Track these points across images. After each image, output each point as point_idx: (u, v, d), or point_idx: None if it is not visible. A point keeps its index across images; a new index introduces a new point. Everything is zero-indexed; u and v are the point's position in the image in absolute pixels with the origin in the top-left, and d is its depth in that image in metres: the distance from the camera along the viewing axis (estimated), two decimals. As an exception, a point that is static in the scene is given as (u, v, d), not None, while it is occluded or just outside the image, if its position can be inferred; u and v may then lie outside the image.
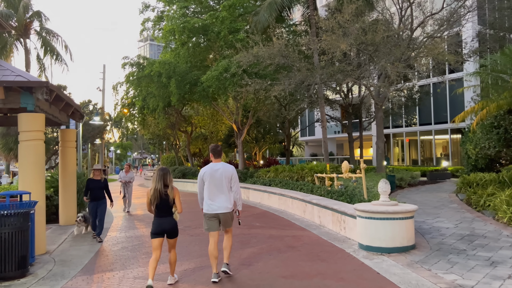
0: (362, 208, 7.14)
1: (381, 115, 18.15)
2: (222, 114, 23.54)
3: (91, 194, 9.20)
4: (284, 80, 14.42)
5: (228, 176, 5.80)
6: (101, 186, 9.34)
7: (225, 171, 5.79)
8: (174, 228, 5.55)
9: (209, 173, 5.76)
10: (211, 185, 5.74)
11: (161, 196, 5.41)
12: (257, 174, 18.23)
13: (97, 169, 9.59)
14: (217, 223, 5.83)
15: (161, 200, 5.42)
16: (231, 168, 5.94)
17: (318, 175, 12.44)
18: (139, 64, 21.10)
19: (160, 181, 5.43)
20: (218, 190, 5.74)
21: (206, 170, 5.82)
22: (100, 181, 9.38)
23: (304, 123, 39.80)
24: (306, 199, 10.71)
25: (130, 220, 12.08)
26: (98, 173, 9.49)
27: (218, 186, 5.74)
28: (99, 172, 9.54)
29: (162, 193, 5.41)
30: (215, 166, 5.83)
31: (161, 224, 5.52)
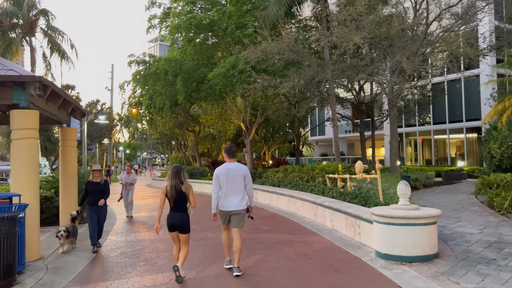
0: (380, 212, 6.50)
1: (395, 113, 17.42)
2: (230, 113, 22.99)
3: (90, 198, 8.15)
4: (294, 77, 13.79)
5: (243, 175, 6.09)
6: (101, 189, 8.24)
7: (240, 170, 6.08)
8: (184, 223, 5.77)
9: (225, 172, 6.04)
10: (226, 184, 6.02)
11: (177, 192, 5.68)
12: (266, 175, 17.64)
13: (96, 170, 8.48)
14: (227, 220, 6.20)
15: (176, 195, 5.68)
16: (245, 167, 6.21)
17: (329, 175, 11.80)
18: (145, 62, 20.64)
19: (176, 178, 5.71)
20: (232, 189, 6.02)
21: (221, 170, 6.09)
22: (100, 184, 8.29)
23: (314, 122, 39.09)
24: (317, 201, 10.09)
25: (132, 223, 11.58)
26: (98, 175, 8.42)
27: (233, 185, 6.02)
28: (99, 173, 8.47)
29: (177, 189, 5.68)
30: (230, 166, 6.11)
31: (172, 218, 5.74)
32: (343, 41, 11.84)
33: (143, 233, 9.83)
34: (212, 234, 9.21)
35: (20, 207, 6.51)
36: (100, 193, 8.20)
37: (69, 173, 11.37)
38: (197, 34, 18.39)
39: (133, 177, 13.10)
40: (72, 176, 11.43)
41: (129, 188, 12.97)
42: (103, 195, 8.24)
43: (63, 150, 11.43)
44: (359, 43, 11.67)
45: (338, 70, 13.53)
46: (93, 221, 8.06)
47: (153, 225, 10.88)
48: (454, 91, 27.52)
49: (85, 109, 12.01)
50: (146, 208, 15.10)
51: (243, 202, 6.10)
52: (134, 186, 13.32)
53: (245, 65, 14.78)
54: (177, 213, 5.72)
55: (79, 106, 11.27)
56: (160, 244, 8.34)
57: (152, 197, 19.66)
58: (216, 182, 6.10)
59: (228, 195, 6.04)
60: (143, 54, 20.32)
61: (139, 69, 21.34)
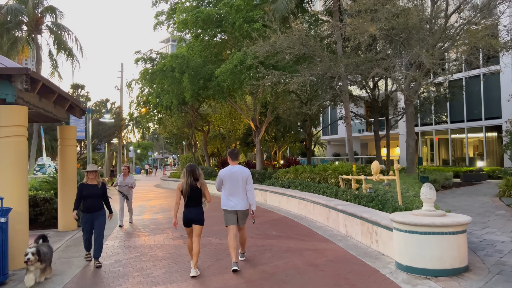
0: (402, 219, 5.75)
1: (412, 110, 16.53)
2: (239, 112, 22.32)
3: (84, 203, 6.95)
4: (305, 72, 13.04)
5: (245, 178, 6.43)
6: (98, 193, 7.00)
7: (242, 173, 6.43)
8: (200, 217, 6.13)
9: (229, 174, 6.41)
10: (230, 185, 6.37)
11: (192, 188, 6.05)
12: (276, 175, 16.92)
13: (91, 171, 7.16)
14: (235, 218, 6.41)
15: (191, 192, 6.05)
16: (247, 170, 6.54)
17: (343, 176, 11.03)
18: (152, 59, 20.10)
19: (191, 176, 6.08)
20: (236, 189, 6.37)
21: (225, 172, 6.46)
22: (97, 187, 7.03)
23: (326, 121, 38.21)
24: (330, 204, 9.35)
25: (134, 226, 10.98)
26: (93, 176, 7.12)
27: (236, 186, 6.36)
28: (95, 174, 7.14)
29: (193, 186, 6.05)
30: (233, 168, 6.46)
31: (188, 214, 6.12)
32: (358, 32, 11.04)
33: (143, 237, 9.21)
34: (215, 240, 8.55)
35: (1, 212, 5.92)
36: (97, 198, 7.00)
37: (68, 174, 10.84)
38: (204, 30, 17.75)
39: (130, 180, 11.20)
40: (71, 177, 10.89)
41: (127, 193, 11.14)
42: (100, 200, 7.05)
43: (62, 149, 10.90)
44: (375, 34, 10.87)
45: (352, 65, 12.72)
46: (88, 229, 6.98)
47: (156, 229, 10.28)
48: (473, 88, 26.42)
49: (85, 107, 11.45)
50: (151, 210, 14.51)
51: (246, 202, 6.47)
52: (133, 191, 11.51)
53: (254, 60, 14.07)
54: (192, 208, 6.11)
55: (77, 103, 10.72)
56: (158, 251, 7.70)
57: (158, 198, 19.09)
58: (219, 183, 6.52)
59: (232, 195, 6.37)
60: (149, 51, 19.76)
61: (147, 67, 20.82)
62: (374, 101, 21.60)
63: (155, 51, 19.71)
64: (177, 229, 7.04)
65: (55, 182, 12.54)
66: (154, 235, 9.39)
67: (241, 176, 6.39)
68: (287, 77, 13.30)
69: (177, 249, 7.85)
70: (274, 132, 26.79)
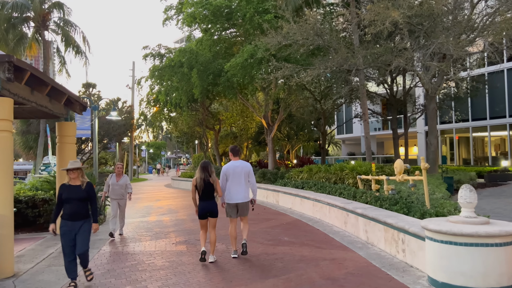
0: (437, 227, 4.87)
1: (434, 106, 15.55)
2: (251, 109, 21.53)
3: (64, 209, 5.52)
4: (320, 64, 12.15)
5: (247, 172, 6.88)
6: (81, 196, 5.51)
7: (244, 167, 6.87)
8: (214, 209, 6.55)
9: (232, 169, 6.81)
10: (233, 179, 6.77)
11: (205, 183, 6.47)
12: (289, 175, 16.08)
13: (72, 169, 5.59)
14: (236, 211, 6.83)
15: (205, 186, 6.47)
16: (248, 165, 7.01)
17: (362, 177, 10.13)
18: (161, 55, 19.43)
19: (204, 172, 6.51)
20: (238, 183, 6.77)
21: (228, 167, 6.87)
22: (80, 188, 5.55)
23: (341, 120, 37.16)
24: (348, 207, 8.48)
25: (137, 229, 10.27)
26: (75, 175, 5.59)
27: (238, 180, 6.78)
28: (77, 173, 5.61)
29: (206, 181, 6.47)
30: (235, 164, 6.90)
31: (204, 207, 6.52)
32: (378, 19, 10.11)
33: (144, 242, 8.47)
34: (222, 246, 7.76)
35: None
36: (80, 202, 5.51)
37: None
38: (213, 23, 16.99)
39: (125, 181, 9.13)
40: (70, 176, 10.25)
41: (121, 197, 9.14)
42: (85, 205, 5.60)
43: (60, 147, 10.25)
44: (396, 21, 9.94)
45: (371, 56, 11.79)
46: (68, 243, 5.48)
47: (159, 232, 9.55)
48: (496, 84, 25.13)
49: (86, 102, 10.80)
50: (158, 211, 13.81)
51: (247, 194, 6.88)
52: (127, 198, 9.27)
53: (265, 52, 13.24)
54: (207, 201, 6.52)
55: (76, 98, 10.05)
56: (158, 259, 6.95)
57: (167, 199, 18.42)
58: (223, 177, 6.83)
59: (234, 188, 6.77)
60: (158, 46, 19.08)
61: (156, 63, 20.18)
62: (392, 97, 20.59)
63: (164, 46, 19.03)
64: (182, 231, 6.26)
65: (55, 182, 11.93)
66: (156, 240, 8.65)
67: (243, 170, 6.83)
68: (301, 71, 12.43)
69: (178, 256, 7.09)
70: (287, 130, 25.92)
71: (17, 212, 9.91)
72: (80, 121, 16.91)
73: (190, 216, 11.98)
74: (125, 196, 9.24)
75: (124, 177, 9.24)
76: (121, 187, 9.11)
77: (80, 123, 16.93)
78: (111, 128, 29.46)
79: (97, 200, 7.86)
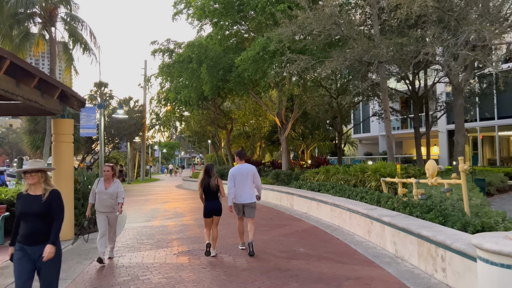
0: (496, 247, 3.83)
1: (462, 102, 14.30)
2: (263, 107, 20.58)
3: (20, 228, 3.98)
4: (338, 56, 11.10)
5: (252, 173, 7.27)
6: (40, 210, 3.93)
7: (249, 170, 7.28)
8: (218, 208, 6.98)
9: (238, 171, 7.21)
10: (239, 181, 7.16)
11: (209, 184, 6.90)
12: (304, 176, 15.07)
13: (31, 171, 4.02)
14: (241, 211, 7.24)
15: (209, 187, 6.90)
16: (253, 167, 7.40)
17: (387, 179, 9.08)
18: (170, 50, 18.60)
19: (207, 174, 6.96)
20: (244, 185, 7.17)
21: (235, 170, 7.25)
22: (40, 199, 3.96)
23: (358, 119, 35.91)
24: (373, 214, 7.45)
25: (139, 235, 9.41)
26: (36, 180, 4.01)
27: (245, 181, 7.17)
28: (37, 177, 4.02)
29: (210, 182, 6.90)
30: (242, 167, 7.31)
31: (209, 206, 6.94)
32: (404, 2, 9.03)
33: (143, 252, 7.59)
34: (228, 258, 6.83)
35: None
36: (38, 219, 3.93)
37: (63, 174, 9.40)
38: (224, 16, 16.07)
39: (115, 189, 6.96)
40: (66, 178, 9.46)
41: (110, 209, 6.97)
42: (46, 223, 3.96)
43: (56, 146, 9.47)
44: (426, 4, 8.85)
45: (395, 45, 10.69)
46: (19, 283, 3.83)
47: (161, 240, 8.67)
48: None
49: (84, 98, 9.98)
50: (163, 215, 12.97)
51: (253, 195, 7.25)
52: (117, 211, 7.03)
53: (278, 44, 12.27)
54: (211, 201, 6.96)
55: (72, 93, 9.24)
56: (154, 274, 6.05)
57: (175, 201, 17.59)
58: (231, 180, 7.19)
59: (241, 190, 7.18)
60: (167, 40, 18.24)
61: (165, 60, 19.41)
62: (414, 94, 19.36)
63: (173, 41, 18.19)
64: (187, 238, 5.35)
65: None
66: (157, 249, 7.77)
67: (249, 173, 7.26)
68: (317, 64, 11.42)
69: (178, 271, 6.18)
70: (302, 129, 24.85)
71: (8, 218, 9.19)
72: (86, 120, 16.16)
73: (197, 221, 11.10)
74: (117, 208, 7.01)
75: (115, 184, 7.01)
76: (110, 197, 6.88)
77: (86, 121, 16.18)
78: (121, 127, 28.85)
79: None
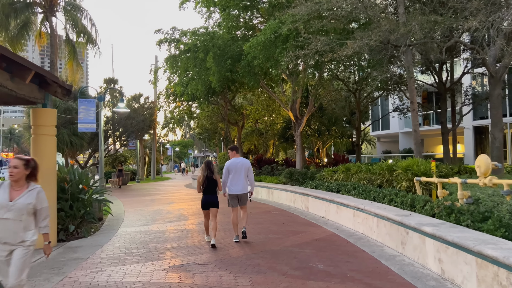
0: None
1: (499, 92, 12.70)
2: (276, 100, 19.17)
3: None
4: (363, 35, 9.59)
5: (246, 168, 7.84)
6: None
7: (244, 164, 7.86)
8: (215, 201, 7.55)
9: (233, 164, 7.81)
10: (234, 174, 7.75)
11: (208, 179, 7.50)
12: (320, 175, 13.63)
13: None
14: (237, 201, 7.84)
15: (208, 182, 7.51)
16: (248, 161, 8.01)
17: (422, 179, 7.60)
18: (176, 40, 17.33)
19: (207, 170, 7.53)
20: (238, 177, 7.75)
21: (230, 163, 7.86)
22: None
23: (376, 115, 34.18)
24: (409, 222, 6.00)
25: (130, 243, 8.12)
26: None
27: (239, 174, 7.75)
28: None
29: (209, 177, 7.49)
30: (236, 160, 7.89)
31: (206, 199, 7.55)
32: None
33: (128, 266, 6.28)
34: (228, 277, 5.47)
35: None
36: None
37: (43, 173, 8.14)
38: (233, 1, 14.72)
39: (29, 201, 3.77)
40: (47, 177, 8.20)
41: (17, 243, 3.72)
42: None
43: (36, 139, 8.23)
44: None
45: (428, 24, 9.16)
46: None
47: (153, 250, 7.35)
48: None
49: (70, 85, 8.72)
50: (165, 217, 11.69)
51: (246, 187, 7.82)
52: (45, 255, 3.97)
53: (292, 25, 10.83)
54: (209, 195, 7.55)
55: (53, 78, 7.99)
56: (131, 300, 4.72)
57: (181, 201, 16.33)
58: (226, 172, 7.80)
59: (236, 181, 7.74)
60: (172, 29, 16.93)
61: (171, 51, 18.14)
62: (441, 85, 17.72)
63: (179, 30, 16.87)
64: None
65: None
66: (145, 262, 6.46)
67: (243, 166, 7.72)
68: (337, 44, 9.93)
69: (163, 295, 4.85)
70: (318, 125, 23.34)
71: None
72: (84, 113, 15.01)
73: (200, 225, 9.78)
74: (30, 238, 3.81)
75: (29, 192, 3.83)
76: (18, 214, 3.74)
77: (84, 115, 15.04)
78: (129, 124, 27.76)
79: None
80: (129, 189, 25.20)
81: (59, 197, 9.46)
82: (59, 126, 21.31)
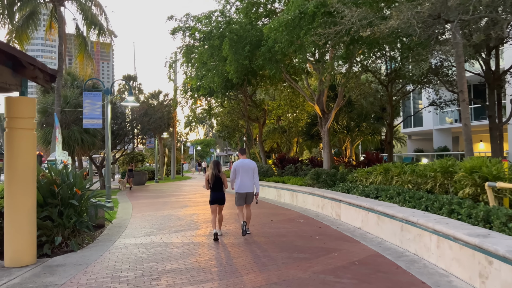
0: None
1: None
2: (300, 92, 17.43)
3: None
4: (410, 7, 7.74)
5: (252, 168, 8.40)
6: None
7: (250, 165, 8.41)
8: (222, 198, 8.23)
9: (241, 165, 8.36)
10: (242, 173, 8.31)
11: (216, 177, 8.15)
12: (352, 177, 11.83)
13: None
14: (244, 200, 8.35)
15: (216, 180, 8.16)
16: (254, 163, 8.55)
17: (499, 184, 5.77)
18: (190, 28, 15.81)
19: (215, 169, 8.19)
20: (246, 177, 8.31)
21: (238, 163, 8.42)
22: None
23: (407, 112, 31.90)
24: (494, 249, 4.21)
25: (122, 262, 6.61)
26: None
27: (246, 174, 8.32)
28: None
29: (217, 176, 8.16)
30: (244, 161, 8.42)
31: (214, 196, 8.16)
32: None
33: (119, 285, 4.74)
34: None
35: None
36: None
37: (19, 175, 6.71)
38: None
39: None
40: (25, 179, 6.78)
41: None
42: None
43: (10, 134, 6.79)
44: None
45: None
46: None
47: (150, 271, 5.80)
48: None
49: (55, 70, 7.27)
50: (174, 224, 10.16)
51: (252, 186, 8.35)
52: None
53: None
54: (217, 192, 8.17)
55: (30, 60, 6.56)
56: None
57: (196, 204, 14.80)
58: (233, 172, 8.42)
59: (243, 181, 8.28)
60: (186, 15, 15.39)
61: (186, 40, 16.67)
62: (489, 75, 15.57)
63: (193, 16, 15.32)
64: None
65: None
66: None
67: (250, 167, 8.39)
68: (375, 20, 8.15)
69: None
70: (347, 120, 21.44)
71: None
72: (89, 108, 13.72)
73: (210, 237, 8.22)
74: None
75: None
76: None
77: (90, 110, 13.75)
78: (146, 121, 26.55)
79: None
80: (144, 190, 23.94)
81: (47, 203, 8.11)
82: (70, 123, 20.21)
